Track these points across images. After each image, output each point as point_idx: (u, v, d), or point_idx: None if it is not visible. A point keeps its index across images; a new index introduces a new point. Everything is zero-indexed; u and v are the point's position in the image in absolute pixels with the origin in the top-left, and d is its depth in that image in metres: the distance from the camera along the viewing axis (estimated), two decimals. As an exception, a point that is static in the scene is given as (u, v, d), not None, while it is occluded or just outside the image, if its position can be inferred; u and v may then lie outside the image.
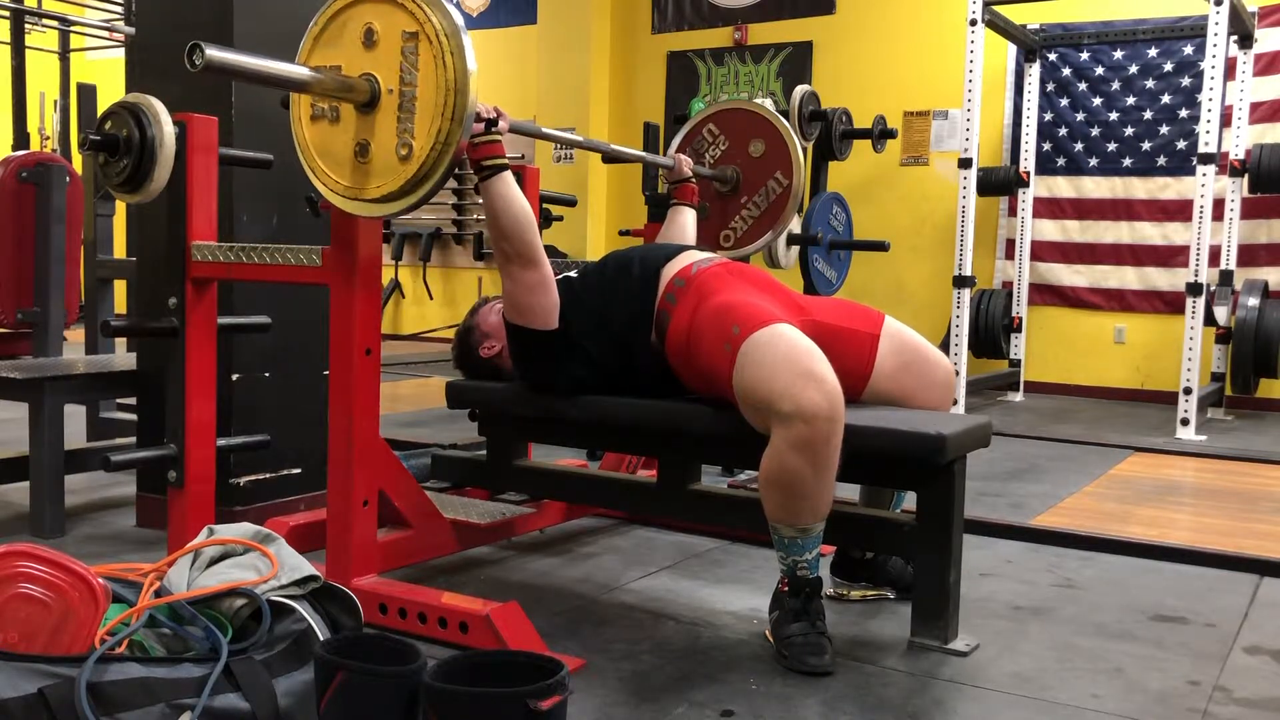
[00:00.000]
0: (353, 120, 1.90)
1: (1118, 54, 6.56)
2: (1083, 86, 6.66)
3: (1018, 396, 6.50)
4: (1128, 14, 6.53)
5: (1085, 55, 6.64)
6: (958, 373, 5.38)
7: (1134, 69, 6.52)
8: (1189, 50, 6.32)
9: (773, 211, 3.09)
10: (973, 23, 5.58)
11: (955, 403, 2.39)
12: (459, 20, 1.81)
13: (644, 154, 2.98)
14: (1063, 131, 6.71)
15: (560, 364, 2.28)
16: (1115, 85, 6.57)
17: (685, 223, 2.89)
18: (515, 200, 2.14)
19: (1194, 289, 5.17)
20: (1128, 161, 6.55)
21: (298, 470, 2.96)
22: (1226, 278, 5.93)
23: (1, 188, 3.40)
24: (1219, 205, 5.75)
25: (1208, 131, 5.08)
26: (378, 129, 1.87)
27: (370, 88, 1.86)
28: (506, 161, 2.15)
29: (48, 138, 8.53)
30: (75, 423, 3.33)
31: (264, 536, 1.79)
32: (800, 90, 3.82)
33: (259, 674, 1.51)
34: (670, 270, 2.27)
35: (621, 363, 2.28)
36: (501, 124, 2.14)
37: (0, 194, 3.39)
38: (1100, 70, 6.61)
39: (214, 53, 1.63)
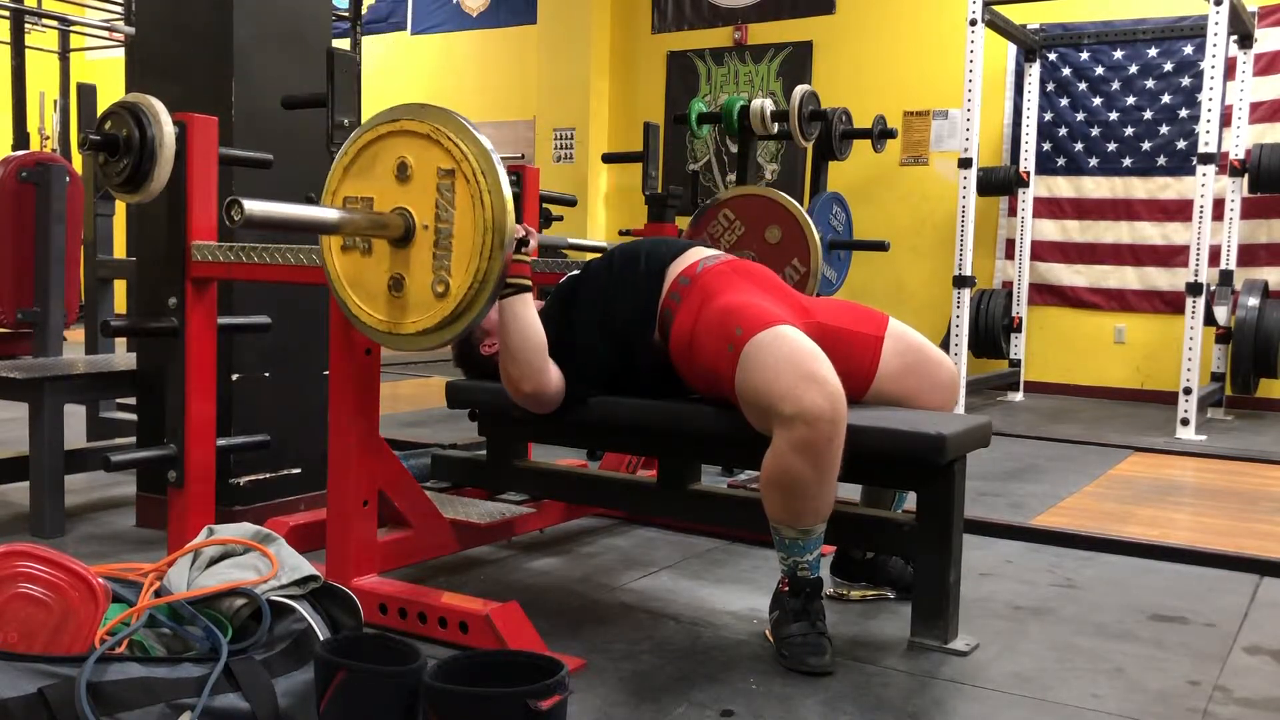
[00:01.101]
0: (386, 254, 1.86)
1: (1118, 54, 6.56)
2: (1083, 86, 6.66)
3: (1018, 396, 6.50)
4: (1128, 14, 6.53)
5: (1085, 55, 6.64)
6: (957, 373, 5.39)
7: (1134, 69, 6.52)
8: (1189, 50, 6.32)
9: None
10: (973, 23, 5.58)
11: (957, 403, 2.39)
12: (492, 150, 1.78)
13: None
14: (1063, 131, 6.71)
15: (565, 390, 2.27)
16: (1115, 85, 6.57)
17: None
18: (531, 324, 2.11)
19: (1194, 289, 5.17)
20: (1128, 161, 6.55)
21: (298, 470, 2.96)
22: (1226, 278, 5.93)
23: (1, 188, 3.40)
24: (1219, 205, 5.75)
25: (1208, 131, 5.08)
26: (413, 264, 1.83)
27: (405, 223, 1.82)
28: (530, 284, 2.12)
29: (48, 138, 8.52)
30: (75, 423, 3.33)
31: (264, 536, 1.79)
32: (800, 90, 3.82)
33: (259, 674, 1.51)
34: (676, 268, 2.26)
35: (624, 361, 2.28)
36: (531, 243, 2.14)
37: (0, 194, 3.39)
38: (1100, 70, 6.61)
39: (252, 207, 1.61)
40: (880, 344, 2.25)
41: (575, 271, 2.41)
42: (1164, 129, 6.45)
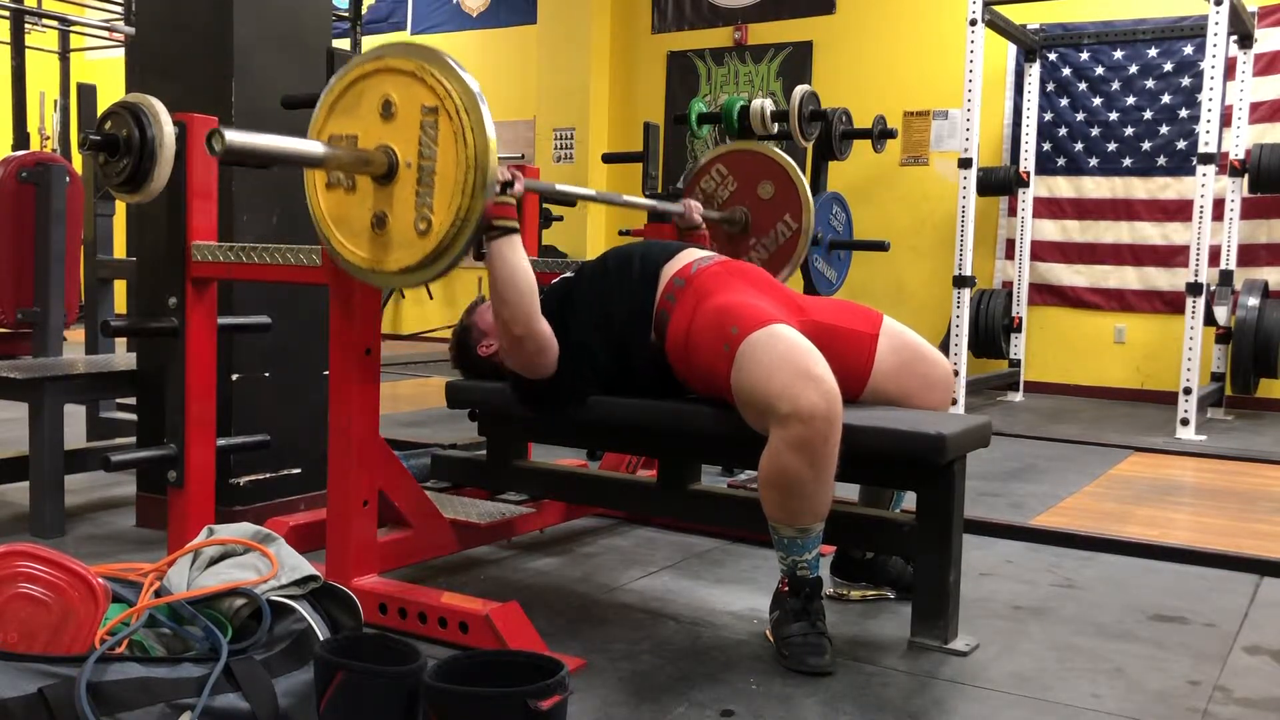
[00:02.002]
0: (370, 191, 1.87)
1: (1118, 54, 6.56)
2: (1083, 86, 6.66)
3: (1018, 396, 6.50)
4: (1128, 14, 6.53)
5: (1085, 55, 6.64)
6: (957, 373, 5.39)
7: (1134, 69, 6.52)
8: (1189, 50, 6.32)
9: (782, 254, 3.10)
10: (973, 23, 5.58)
11: (955, 403, 2.39)
12: (477, 90, 1.78)
13: (655, 203, 2.99)
14: (1063, 131, 6.71)
15: (559, 382, 2.27)
16: (1115, 85, 6.57)
17: None
18: (520, 266, 2.10)
19: (1194, 289, 5.17)
20: (1128, 161, 6.55)
21: (298, 470, 2.96)
22: (1226, 278, 5.93)
23: (1, 188, 3.40)
24: (1219, 205, 5.75)
25: (1208, 131, 5.08)
26: (396, 202, 1.84)
27: (388, 161, 1.83)
28: (516, 225, 2.12)
29: (48, 138, 8.53)
30: (75, 423, 3.33)
31: (264, 536, 1.79)
32: (800, 90, 3.82)
33: (259, 674, 1.51)
34: (670, 269, 2.27)
35: (620, 362, 2.28)
36: (517, 186, 2.13)
37: (0, 194, 3.39)
38: (1100, 70, 6.61)
39: (233, 137, 1.62)
40: (875, 342, 2.25)
41: (569, 274, 2.42)
42: (1164, 129, 6.45)
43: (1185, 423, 5.07)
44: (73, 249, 3.59)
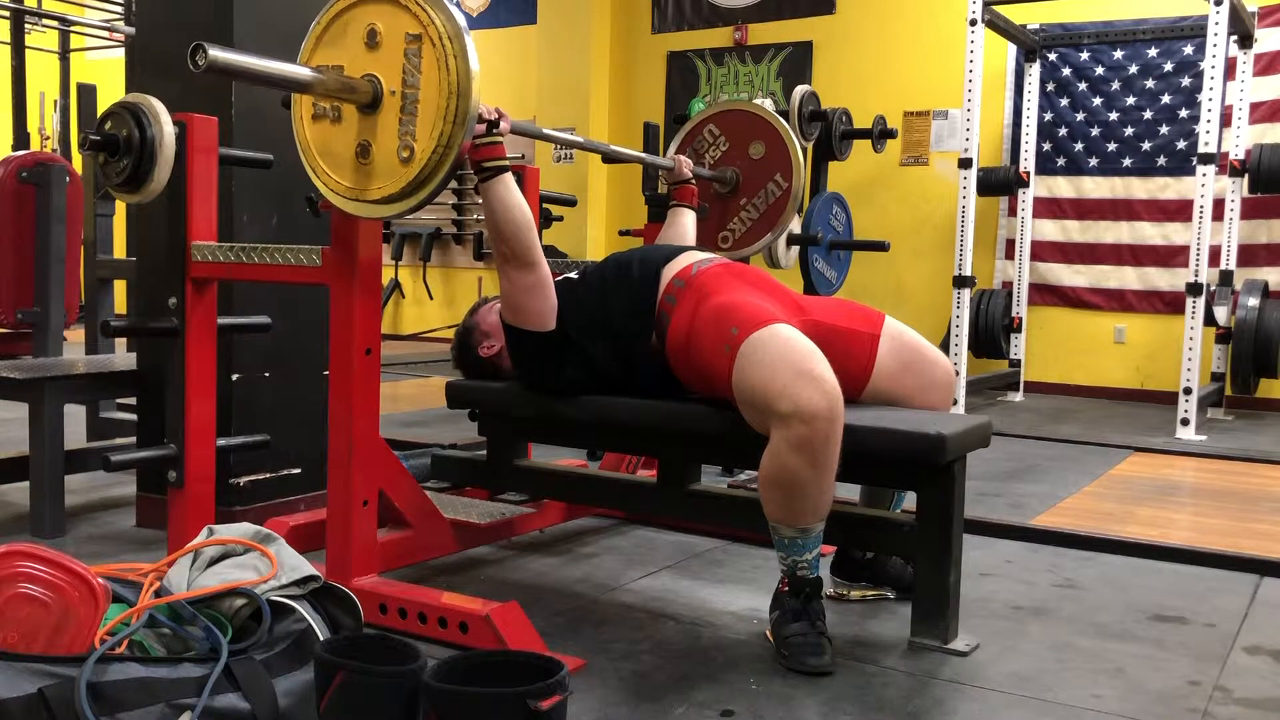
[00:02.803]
0: (354, 121, 1.89)
1: (1118, 54, 6.56)
2: (1083, 86, 6.66)
3: (1018, 396, 6.50)
4: (1128, 14, 6.53)
5: (1085, 55, 6.64)
6: (958, 373, 5.39)
7: (1134, 69, 6.52)
8: (1189, 50, 6.32)
9: (772, 213, 3.09)
10: (973, 23, 5.58)
11: (955, 403, 2.39)
12: (462, 21, 1.80)
13: (643, 155, 2.98)
14: (1063, 131, 6.71)
15: (558, 365, 2.29)
16: (1115, 85, 6.57)
17: (685, 224, 2.90)
18: (515, 203, 2.13)
19: (1194, 289, 5.17)
20: (1128, 161, 6.55)
21: (298, 470, 2.96)
22: (1226, 278, 5.93)
23: (1, 188, 3.40)
24: (1219, 205, 5.75)
25: (1208, 131, 5.08)
26: (379, 130, 1.86)
27: (372, 89, 1.85)
28: (507, 163, 2.14)
29: (48, 138, 8.53)
30: (75, 423, 3.33)
31: (264, 536, 1.79)
32: (800, 90, 3.82)
33: (259, 674, 1.51)
34: (670, 271, 2.28)
35: (622, 364, 2.28)
36: (503, 125, 2.14)
37: (0, 194, 3.39)
38: (1100, 70, 6.61)
39: (217, 53, 1.63)
40: (876, 342, 2.25)
41: (571, 275, 2.42)
42: (1164, 129, 6.45)
43: (1185, 423, 5.07)
44: (73, 249, 3.59)
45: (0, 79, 6.80)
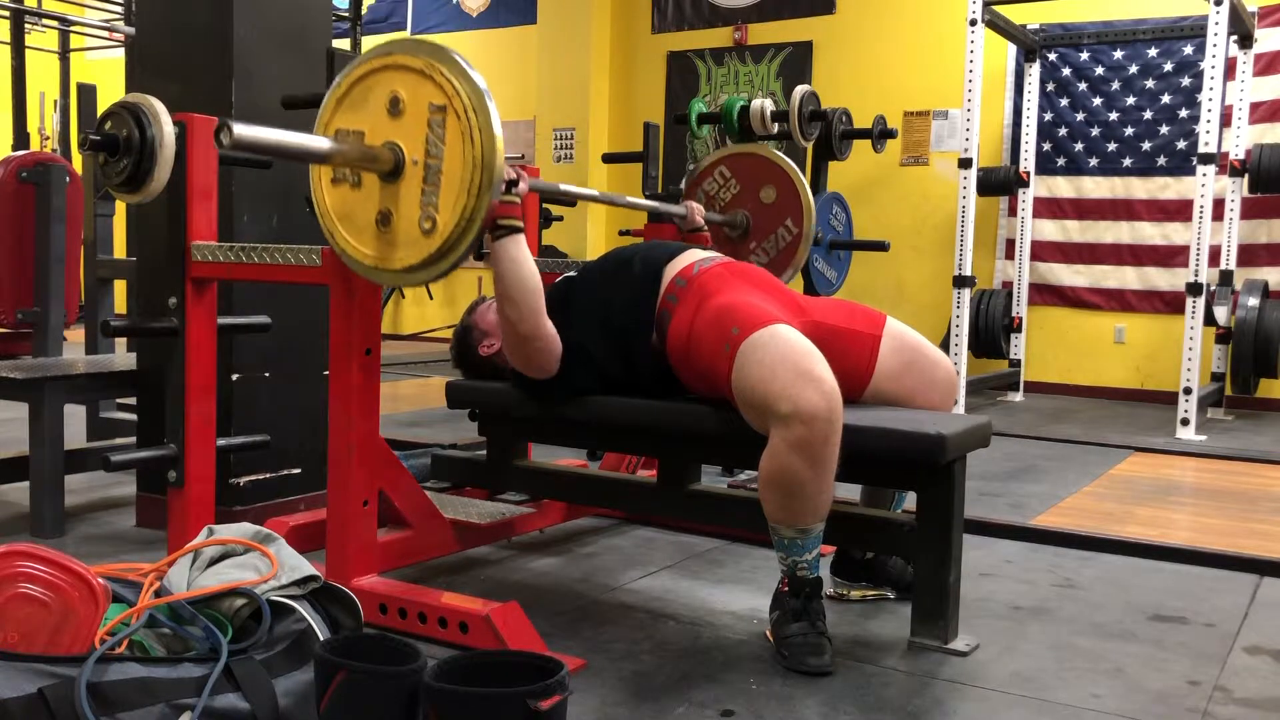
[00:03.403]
0: (375, 188, 1.86)
1: (1118, 54, 6.56)
2: (1083, 86, 6.66)
3: (1018, 396, 6.50)
4: (1128, 14, 6.53)
5: (1085, 55, 6.64)
6: (958, 373, 5.39)
7: (1134, 69, 6.52)
8: (1189, 50, 6.32)
9: (783, 258, 3.10)
10: (973, 23, 5.58)
11: (955, 403, 2.39)
12: (486, 90, 1.78)
13: (656, 204, 2.99)
14: (1063, 131, 6.71)
15: (561, 377, 2.28)
16: (1115, 85, 6.57)
17: None
18: (525, 265, 2.11)
19: (1194, 289, 5.17)
20: (1128, 161, 6.55)
21: (298, 470, 2.96)
22: (1226, 278, 5.93)
23: (1, 188, 3.40)
24: (1219, 205, 5.75)
25: (1208, 131, 5.08)
26: (401, 199, 1.83)
27: (394, 157, 1.82)
28: (521, 224, 2.12)
29: (48, 138, 8.53)
30: (75, 423, 3.33)
31: (264, 536, 1.79)
32: (800, 90, 3.82)
33: (259, 674, 1.51)
34: (672, 270, 2.27)
35: (622, 363, 2.28)
36: (521, 185, 2.13)
37: (0, 194, 3.39)
38: (1100, 70, 6.61)
39: (241, 130, 1.61)
40: (877, 343, 2.25)
41: (571, 274, 2.41)
42: (1164, 129, 6.45)
43: (1185, 423, 5.07)
44: (73, 249, 3.59)
45: (0, 79, 6.80)
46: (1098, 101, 6.62)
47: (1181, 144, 6.36)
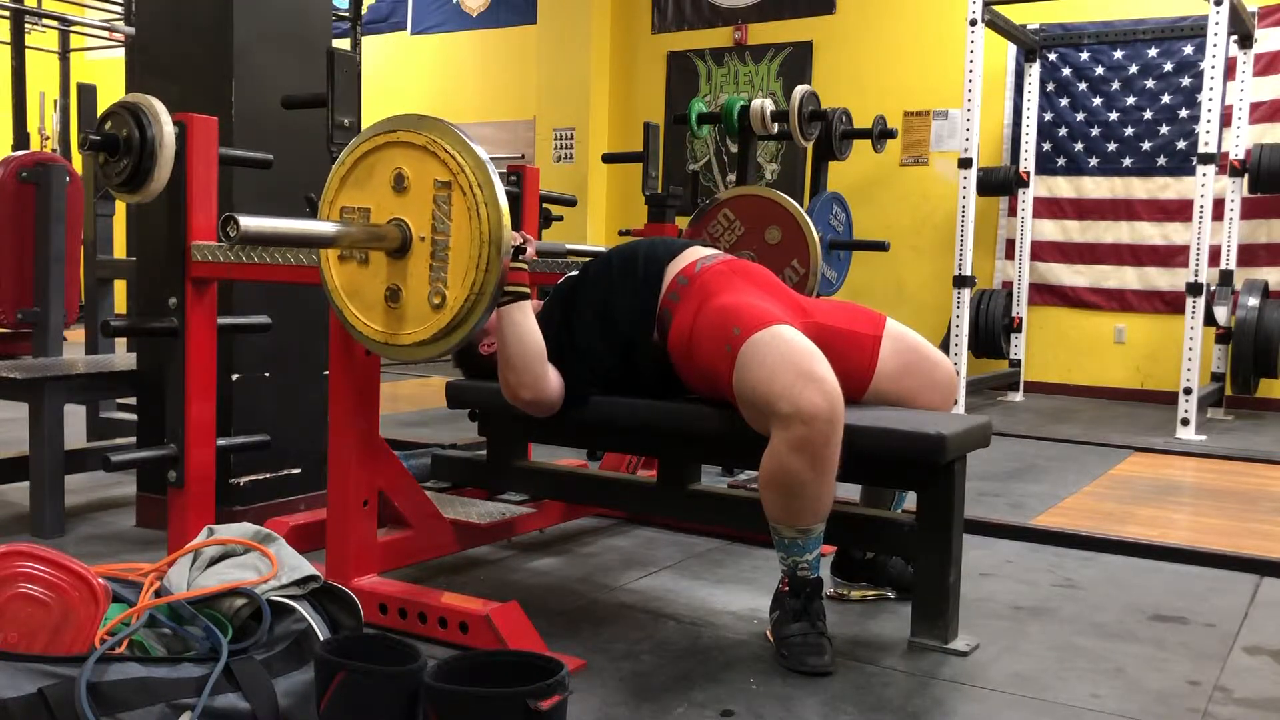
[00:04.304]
0: (383, 264, 1.86)
1: (1118, 54, 6.56)
2: (1083, 86, 6.66)
3: (1018, 396, 6.50)
4: (1128, 14, 6.53)
5: (1085, 55, 6.64)
6: (958, 373, 5.39)
7: (1134, 69, 6.52)
8: (1189, 50, 6.32)
9: None
10: (973, 23, 5.58)
11: (955, 403, 2.39)
12: (488, 163, 1.78)
13: None
14: (1063, 131, 6.71)
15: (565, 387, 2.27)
16: (1115, 85, 6.57)
17: None
18: (529, 331, 2.11)
19: (1194, 289, 5.17)
20: (1128, 161, 6.55)
21: (298, 470, 2.96)
22: (1226, 278, 5.93)
23: (1, 188, 3.40)
24: (1219, 205, 5.75)
25: (1208, 131, 5.08)
26: (410, 275, 1.83)
27: (401, 235, 1.82)
28: (528, 290, 2.12)
29: (48, 138, 8.52)
30: (75, 423, 3.33)
31: (264, 536, 1.79)
32: (800, 90, 3.82)
33: (259, 674, 1.51)
34: (674, 268, 2.26)
35: (623, 361, 2.28)
36: (529, 251, 2.13)
37: (0, 194, 3.39)
38: (1100, 70, 6.61)
39: (248, 224, 1.60)
40: (878, 344, 2.25)
41: (574, 273, 2.41)
42: (1164, 129, 6.45)
43: (1185, 423, 5.07)
44: (73, 249, 3.59)
45: (0, 79, 6.80)
46: (1098, 101, 6.62)
47: (1181, 144, 6.36)
